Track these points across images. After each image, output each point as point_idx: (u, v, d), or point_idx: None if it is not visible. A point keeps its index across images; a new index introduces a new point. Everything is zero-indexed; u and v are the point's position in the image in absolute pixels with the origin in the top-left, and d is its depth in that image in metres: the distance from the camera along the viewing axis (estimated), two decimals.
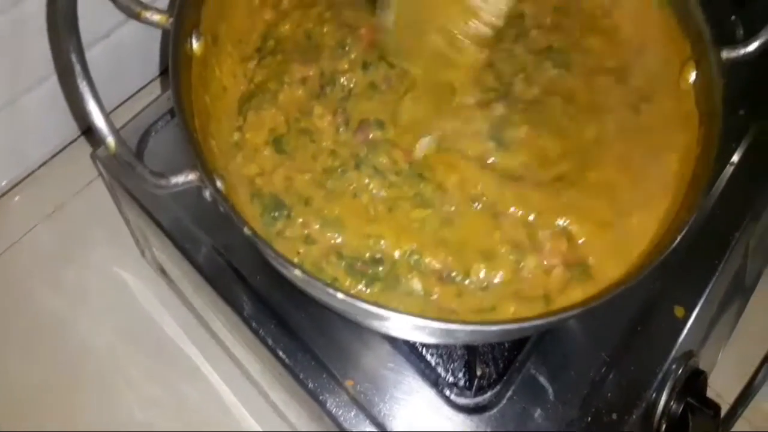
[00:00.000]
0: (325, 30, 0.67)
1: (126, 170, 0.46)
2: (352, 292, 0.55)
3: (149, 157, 0.68)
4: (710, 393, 0.89)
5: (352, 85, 0.65)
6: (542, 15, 0.73)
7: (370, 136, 0.62)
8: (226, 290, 0.62)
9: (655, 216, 0.59)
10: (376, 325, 0.53)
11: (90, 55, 0.71)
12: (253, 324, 0.60)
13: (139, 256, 0.80)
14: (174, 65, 0.55)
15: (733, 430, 0.86)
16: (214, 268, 0.63)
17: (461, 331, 0.49)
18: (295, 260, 0.56)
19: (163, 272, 0.76)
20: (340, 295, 0.46)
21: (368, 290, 0.55)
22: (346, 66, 0.66)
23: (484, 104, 0.65)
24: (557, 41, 0.71)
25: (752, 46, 0.61)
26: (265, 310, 0.61)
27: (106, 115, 0.44)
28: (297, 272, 0.46)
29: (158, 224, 0.64)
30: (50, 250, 0.79)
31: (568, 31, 0.72)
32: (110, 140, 0.45)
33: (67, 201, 0.81)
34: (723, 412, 0.88)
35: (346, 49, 0.66)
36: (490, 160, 0.62)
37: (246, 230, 0.47)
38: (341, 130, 0.63)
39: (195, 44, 0.59)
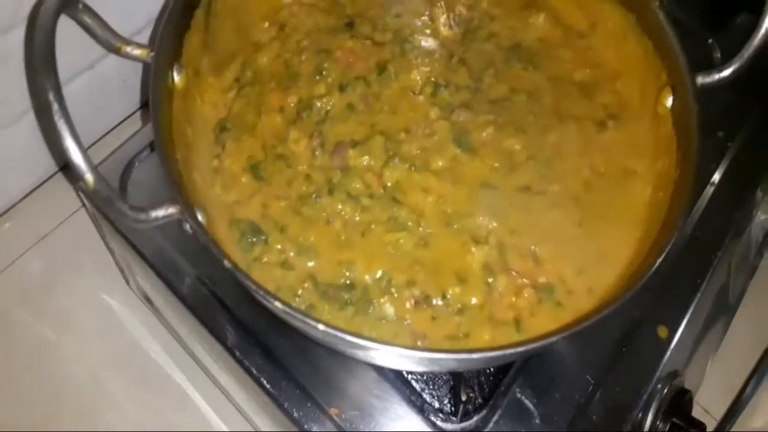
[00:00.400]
0: (303, 58, 0.68)
1: (105, 206, 0.46)
2: (328, 317, 0.56)
3: (133, 188, 0.68)
4: (698, 409, 0.89)
5: (329, 108, 0.66)
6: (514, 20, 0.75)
7: (347, 157, 0.63)
8: (210, 320, 0.62)
9: (630, 239, 0.59)
10: (360, 354, 0.53)
11: (72, 88, 0.73)
12: (237, 353, 0.60)
13: (125, 283, 0.80)
14: (155, 99, 0.55)
15: None
16: (198, 298, 0.63)
17: (448, 360, 0.50)
18: (272, 287, 0.57)
19: (148, 300, 0.76)
20: (321, 327, 0.46)
21: (340, 314, 0.56)
22: (323, 90, 0.67)
23: (448, 112, 0.67)
24: (526, 41, 0.73)
25: (727, 72, 0.62)
26: (249, 340, 0.61)
27: (84, 152, 0.44)
28: (277, 304, 0.46)
29: (141, 255, 0.64)
30: (36, 279, 0.79)
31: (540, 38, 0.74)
32: (89, 177, 0.45)
33: (53, 230, 0.81)
34: (711, 429, 0.88)
35: (324, 73, 0.68)
36: (459, 168, 0.63)
37: (226, 263, 0.48)
38: (317, 153, 0.63)
39: (176, 77, 0.60)
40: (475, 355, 0.49)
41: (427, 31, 0.74)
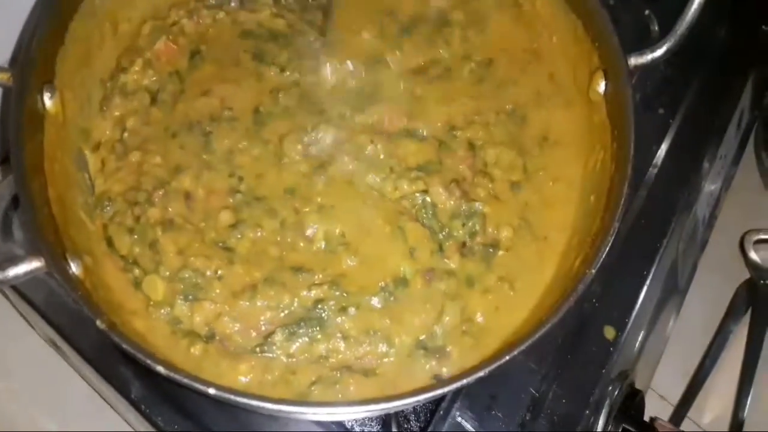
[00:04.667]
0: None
1: None
2: None
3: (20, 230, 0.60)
4: (653, 396, 0.86)
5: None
6: None
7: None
8: (111, 371, 0.56)
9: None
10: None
11: None
12: (143, 407, 0.54)
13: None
14: (15, 129, 0.47)
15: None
16: (97, 347, 0.56)
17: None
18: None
19: (55, 345, 0.69)
20: (211, 390, 0.40)
21: None
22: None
23: None
24: None
25: (660, 51, 0.57)
26: (155, 390, 0.55)
27: None
28: (160, 368, 0.41)
29: (29, 302, 0.57)
30: None
31: None
32: None
33: None
34: (668, 415, 0.86)
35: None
36: None
37: (99, 324, 0.41)
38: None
39: (47, 101, 0.52)
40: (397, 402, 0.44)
41: None
